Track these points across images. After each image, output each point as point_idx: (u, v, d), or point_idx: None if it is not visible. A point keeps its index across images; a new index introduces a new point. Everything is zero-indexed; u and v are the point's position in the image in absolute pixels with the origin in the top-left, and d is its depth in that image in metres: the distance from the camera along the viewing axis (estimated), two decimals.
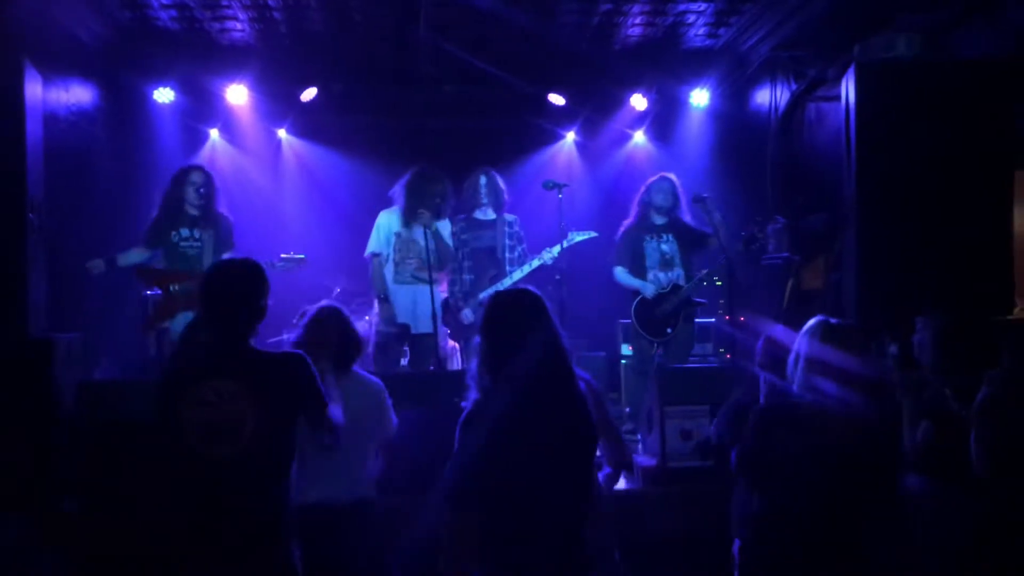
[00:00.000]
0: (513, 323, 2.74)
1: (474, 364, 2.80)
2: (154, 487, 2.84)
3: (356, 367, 3.83)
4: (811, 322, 3.20)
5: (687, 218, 6.43)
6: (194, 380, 2.83)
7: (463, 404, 2.80)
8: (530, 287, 2.93)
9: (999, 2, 5.51)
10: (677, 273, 6.29)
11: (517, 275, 6.23)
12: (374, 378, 3.91)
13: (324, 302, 3.88)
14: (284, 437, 2.87)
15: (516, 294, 2.87)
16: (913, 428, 3.60)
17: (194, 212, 6.02)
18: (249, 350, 2.93)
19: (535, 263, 6.25)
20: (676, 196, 6.37)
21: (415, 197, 6.00)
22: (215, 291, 2.91)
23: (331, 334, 3.69)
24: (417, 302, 6.00)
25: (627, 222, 6.45)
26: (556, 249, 6.24)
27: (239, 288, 2.91)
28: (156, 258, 6.12)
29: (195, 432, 2.77)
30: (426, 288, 5.91)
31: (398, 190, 6.13)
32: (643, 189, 6.44)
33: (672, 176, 6.46)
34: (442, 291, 6.34)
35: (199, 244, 5.98)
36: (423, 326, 5.97)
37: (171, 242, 5.97)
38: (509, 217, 6.43)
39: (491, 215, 6.36)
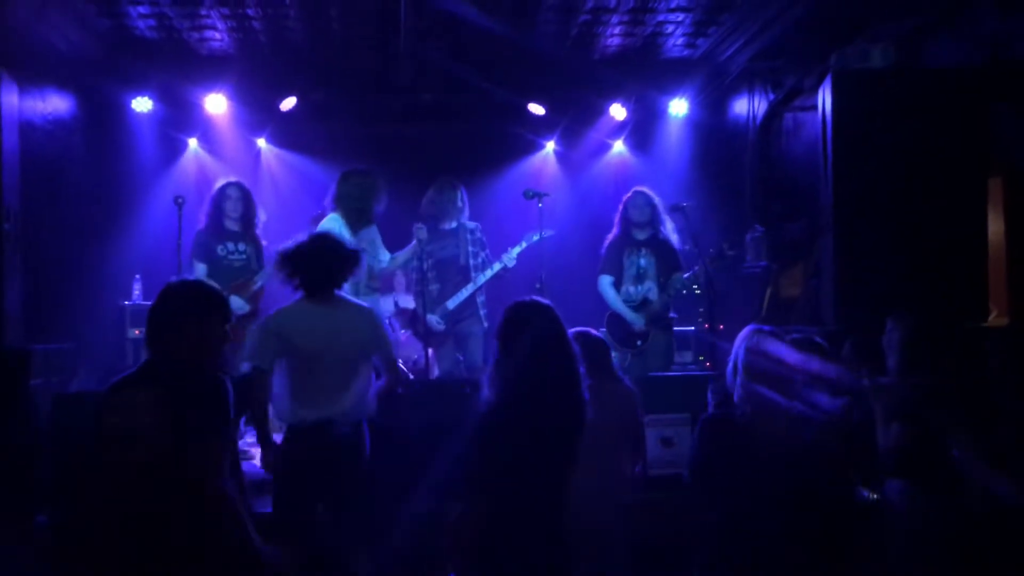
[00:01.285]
0: (529, 333, 2.99)
1: (490, 368, 3.06)
2: (125, 501, 2.86)
3: (344, 294, 4.03)
4: (744, 331, 3.23)
5: (668, 232, 6.39)
6: (115, 389, 2.89)
7: (479, 404, 3.04)
8: (542, 299, 3.15)
9: (970, 12, 5.59)
10: (648, 286, 6.30)
11: (481, 279, 6.27)
12: (362, 303, 4.09)
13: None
14: (198, 453, 2.85)
15: (531, 306, 3.10)
16: (886, 431, 3.62)
17: (234, 227, 6.15)
18: (176, 365, 2.94)
19: (496, 267, 6.29)
20: (653, 209, 6.36)
21: (363, 201, 5.89)
22: (153, 309, 2.99)
23: (310, 260, 3.90)
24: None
25: (610, 236, 6.48)
26: (515, 251, 6.30)
27: (172, 309, 2.97)
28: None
29: (110, 439, 2.82)
30: (379, 298, 5.97)
31: (333, 198, 5.95)
32: (621, 206, 6.45)
33: (646, 190, 6.46)
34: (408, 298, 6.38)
35: (244, 257, 6.13)
36: None
37: (217, 255, 6.06)
38: (470, 224, 6.45)
39: (453, 224, 6.38)
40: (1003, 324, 5.54)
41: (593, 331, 4.10)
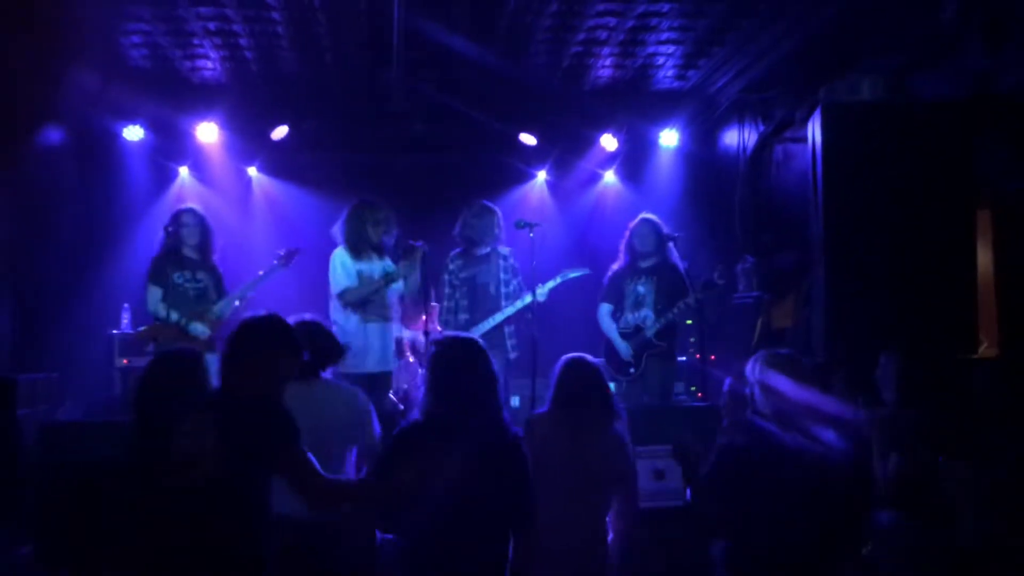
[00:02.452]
0: (452, 367, 3.15)
1: (421, 391, 3.20)
2: (115, 531, 2.88)
3: (330, 375, 3.86)
4: (756, 356, 3.24)
5: (677, 260, 6.32)
6: (174, 415, 2.93)
7: (403, 422, 3.19)
8: (473, 336, 3.33)
9: (957, 48, 5.65)
10: (645, 314, 6.22)
11: (509, 310, 6.15)
12: (350, 386, 3.92)
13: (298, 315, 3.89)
14: (251, 477, 2.91)
15: (459, 341, 3.29)
16: (884, 462, 3.62)
17: (192, 255, 6.07)
18: (237, 392, 2.99)
19: (527, 299, 6.12)
20: (658, 236, 6.27)
21: (364, 232, 5.84)
22: (231, 339, 3.07)
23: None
24: (385, 340, 5.94)
25: (615, 266, 6.42)
26: (548, 286, 6.23)
27: (246, 342, 3.05)
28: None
29: (163, 463, 2.85)
30: (391, 325, 5.91)
31: (343, 227, 5.95)
32: (627, 234, 6.38)
33: (652, 217, 6.38)
34: (417, 329, 6.30)
35: (200, 285, 6.04)
36: (387, 364, 5.90)
37: (173, 282, 5.98)
38: (504, 250, 6.33)
39: (487, 249, 6.29)
40: (993, 355, 5.55)
41: (589, 357, 3.95)
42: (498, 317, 6.11)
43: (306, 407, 3.57)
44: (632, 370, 6.23)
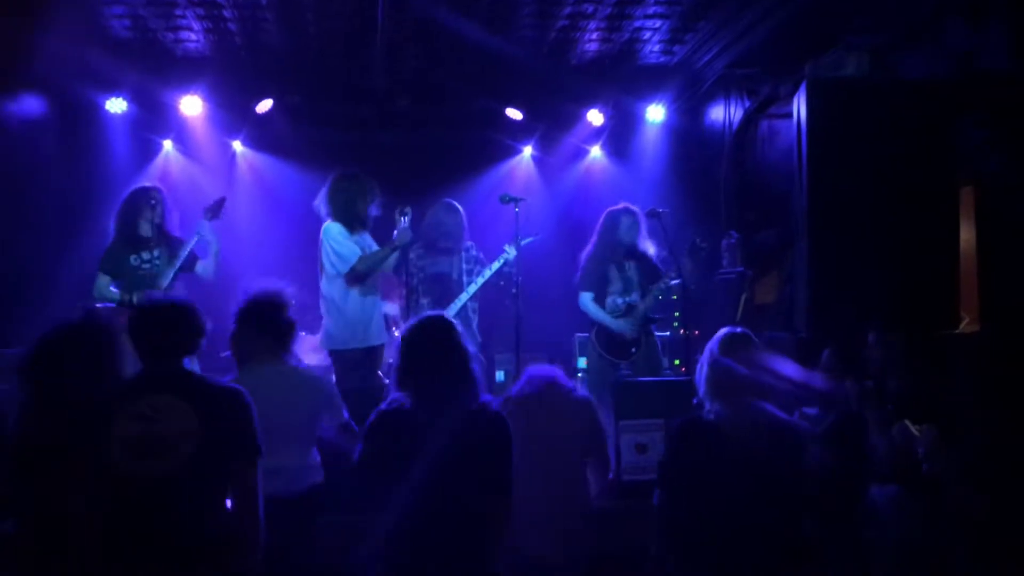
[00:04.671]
0: (425, 346, 3.08)
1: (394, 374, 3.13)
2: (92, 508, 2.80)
3: (294, 361, 3.82)
4: (719, 333, 3.25)
5: (646, 246, 6.36)
6: (129, 395, 2.79)
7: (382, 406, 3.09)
8: (444, 313, 3.24)
9: (939, 27, 5.66)
10: (634, 297, 6.26)
11: (472, 288, 6.19)
12: (311, 370, 3.90)
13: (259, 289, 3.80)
14: (220, 458, 2.82)
15: (430, 320, 3.17)
16: (883, 436, 3.64)
17: (149, 233, 5.79)
18: (188, 371, 2.93)
19: (479, 281, 6.17)
20: (639, 229, 6.29)
21: (355, 204, 5.75)
22: (144, 327, 2.92)
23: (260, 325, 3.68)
24: (379, 312, 5.91)
25: (589, 249, 6.37)
26: (495, 266, 6.24)
27: (171, 322, 2.93)
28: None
29: (127, 447, 2.72)
30: (380, 298, 5.90)
31: (326, 204, 5.81)
32: (607, 220, 6.34)
33: (633, 207, 6.36)
34: (394, 302, 6.31)
35: (157, 264, 5.77)
36: (378, 338, 5.88)
37: (130, 266, 5.74)
38: (467, 243, 6.39)
39: (450, 243, 6.29)
40: (974, 330, 5.59)
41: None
42: (464, 297, 6.14)
43: (274, 392, 3.58)
44: (634, 350, 6.22)
